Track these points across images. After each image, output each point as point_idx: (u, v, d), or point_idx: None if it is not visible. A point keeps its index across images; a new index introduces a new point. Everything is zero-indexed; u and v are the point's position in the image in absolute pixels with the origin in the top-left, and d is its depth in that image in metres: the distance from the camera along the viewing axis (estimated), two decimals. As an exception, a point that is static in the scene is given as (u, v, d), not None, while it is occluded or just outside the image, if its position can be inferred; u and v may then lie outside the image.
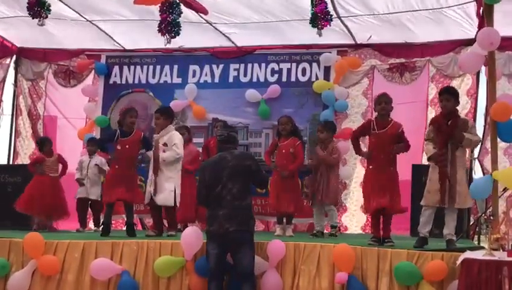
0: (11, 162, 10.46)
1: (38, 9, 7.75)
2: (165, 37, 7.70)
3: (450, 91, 6.28)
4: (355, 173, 9.20)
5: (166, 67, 9.96)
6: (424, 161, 7.50)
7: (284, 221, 7.86)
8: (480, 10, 7.28)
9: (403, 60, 9.29)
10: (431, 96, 8.99)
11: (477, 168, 8.55)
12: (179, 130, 7.78)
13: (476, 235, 7.94)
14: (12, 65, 10.57)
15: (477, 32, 7.06)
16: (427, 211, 6.10)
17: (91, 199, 8.79)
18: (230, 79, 9.78)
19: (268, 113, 9.41)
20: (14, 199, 8.46)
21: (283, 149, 7.84)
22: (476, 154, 8.53)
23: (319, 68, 9.46)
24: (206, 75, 9.83)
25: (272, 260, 6.05)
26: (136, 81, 10.04)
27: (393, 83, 9.26)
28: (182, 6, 7.60)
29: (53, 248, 6.41)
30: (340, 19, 8.47)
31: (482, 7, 6.66)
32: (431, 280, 5.53)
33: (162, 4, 7.52)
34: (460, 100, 8.70)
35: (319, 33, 7.53)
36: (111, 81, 10.13)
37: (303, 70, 9.53)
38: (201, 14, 8.34)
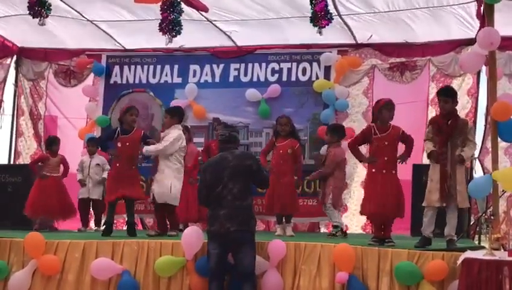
0: (12, 162, 10.46)
1: (39, 8, 7.73)
2: (166, 36, 7.69)
3: (448, 92, 6.25)
4: (356, 173, 9.19)
5: (167, 67, 9.96)
6: (424, 161, 7.49)
7: (284, 221, 7.87)
8: (481, 10, 7.29)
9: (404, 60, 9.29)
10: (431, 95, 8.97)
11: (477, 168, 8.57)
12: None
13: (477, 235, 7.95)
14: (13, 65, 10.57)
15: (477, 32, 7.06)
16: (429, 211, 6.08)
17: (93, 198, 8.79)
18: (231, 79, 9.78)
19: (269, 112, 9.40)
20: (14, 199, 8.47)
21: (280, 149, 7.83)
22: (477, 154, 8.54)
23: (320, 68, 9.46)
24: (206, 75, 9.83)
25: (273, 260, 6.05)
26: (136, 81, 10.04)
27: (393, 82, 9.26)
28: (183, 5, 7.59)
29: (53, 247, 6.42)
30: (340, 17, 8.46)
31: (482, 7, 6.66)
32: (431, 279, 5.52)
33: (163, 3, 7.51)
34: (460, 100, 8.83)
35: (319, 32, 7.52)
36: (111, 81, 10.13)
37: (303, 69, 9.53)
38: (201, 12, 8.33)
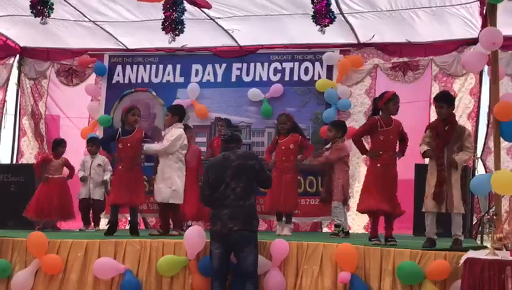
0: (15, 161, 10.45)
1: (41, 8, 7.73)
2: (170, 35, 7.69)
3: (442, 98, 6.27)
4: (357, 173, 9.17)
5: (169, 67, 9.95)
6: (427, 161, 7.48)
7: (284, 220, 7.87)
8: (484, 9, 7.28)
9: (406, 59, 9.27)
10: (434, 95, 8.94)
11: (480, 168, 8.55)
12: None
13: (479, 235, 7.94)
14: (15, 64, 10.57)
15: (480, 31, 7.05)
16: (429, 216, 6.06)
17: (94, 199, 8.75)
18: (233, 78, 9.77)
19: (271, 112, 9.39)
20: (17, 199, 8.47)
21: (282, 146, 7.88)
22: (479, 154, 8.53)
23: (322, 67, 9.45)
24: (208, 75, 9.82)
25: (275, 260, 6.06)
26: (138, 81, 10.03)
27: (396, 82, 9.23)
28: (185, 3, 7.59)
29: (56, 247, 6.44)
30: (343, 16, 8.45)
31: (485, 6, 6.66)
32: (434, 279, 5.53)
33: (166, 2, 7.51)
34: (463, 100, 8.85)
35: (322, 31, 7.49)
36: (114, 81, 10.12)
37: (306, 69, 9.52)
38: (204, 10, 8.31)
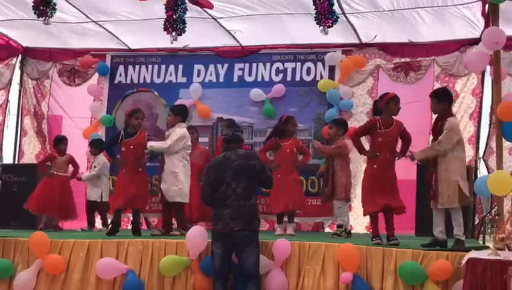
0: (17, 161, 10.47)
1: (44, 8, 7.74)
2: (171, 34, 7.69)
3: (432, 94, 6.35)
4: (359, 173, 9.16)
5: (171, 67, 9.96)
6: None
7: (286, 219, 7.87)
8: (486, 9, 7.28)
9: (408, 60, 9.27)
10: (435, 96, 8.96)
11: (482, 168, 8.54)
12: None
13: (481, 235, 7.93)
14: (18, 65, 10.58)
15: (482, 31, 7.04)
16: (434, 212, 6.10)
17: (90, 200, 8.68)
18: (235, 78, 9.78)
19: (273, 112, 9.40)
20: (19, 198, 8.46)
21: (287, 148, 7.87)
22: (481, 154, 8.52)
23: (324, 67, 9.46)
24: (210, 75, 9.83)
25: (277, 260, 6.06)
26: (141, 81, 10.04)
27: (398, 82, 9.23)
28: (187, 3, 7.58)
29: (58, 247, 6.45)
30: (345, 16, 8.44)
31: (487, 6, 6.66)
32: (436, 279, 5.53)
33: (168, 1, 7.51)
34: (465, 100, 8.85)
35: (324, 31, 7.47)
36: (116, 81, 10.13)
37: (308, 69, 9.52)
38: (206, 9, 8.30)
